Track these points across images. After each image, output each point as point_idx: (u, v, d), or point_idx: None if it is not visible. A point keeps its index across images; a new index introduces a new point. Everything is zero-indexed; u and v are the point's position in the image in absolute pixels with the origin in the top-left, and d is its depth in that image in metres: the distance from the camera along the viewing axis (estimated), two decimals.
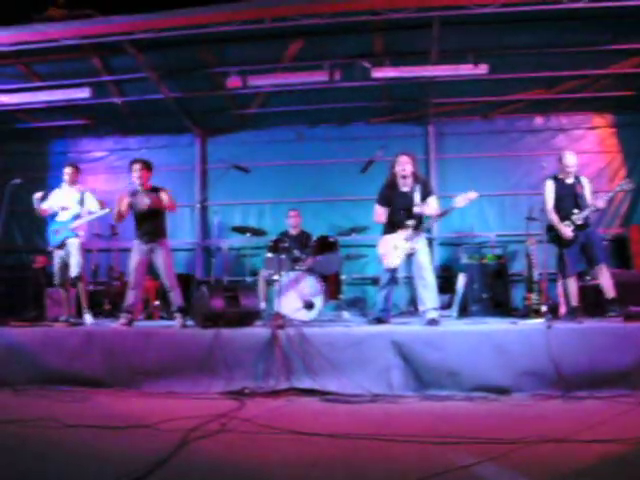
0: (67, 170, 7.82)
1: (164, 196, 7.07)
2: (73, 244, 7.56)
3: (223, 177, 10.48)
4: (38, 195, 7.59)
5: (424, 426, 4.23)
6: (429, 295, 6.51)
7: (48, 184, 11.20)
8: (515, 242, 9.75)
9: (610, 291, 6.75)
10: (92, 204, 7.74)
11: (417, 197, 6.65)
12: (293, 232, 8.85)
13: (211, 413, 4.52)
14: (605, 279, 6.78)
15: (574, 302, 6.93)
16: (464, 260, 9.08)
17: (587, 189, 6.91)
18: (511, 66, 8.92)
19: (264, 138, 11.10)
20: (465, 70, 8.44)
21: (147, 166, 7.16)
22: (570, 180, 6.93)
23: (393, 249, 6.63)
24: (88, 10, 8.36)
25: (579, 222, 6.75)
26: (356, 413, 4.83)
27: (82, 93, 9.16)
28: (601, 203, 6.73)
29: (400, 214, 6.70)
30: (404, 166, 6.71)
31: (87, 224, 7.81)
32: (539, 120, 10.68)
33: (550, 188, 6.99)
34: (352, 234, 8.94)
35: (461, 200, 6.42)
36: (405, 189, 6.75)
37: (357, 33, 8.42)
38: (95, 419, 4.48)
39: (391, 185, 6.84)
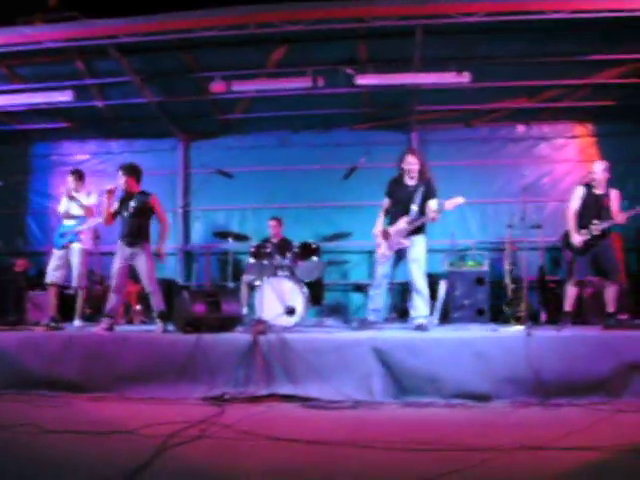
0: (69, 179, 7.80)
1: (155, 202, 7.20)
2: (75, 249, 7.60)
3: (206, 182, 10.46)
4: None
5: (403, 433, 4.25)
6: (421, 302, 6.64)
7: (30, 187, 11.22)
8: (496, 249, 9.81)
9: (610, 305, 6.83)
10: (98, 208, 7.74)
11: (418, 196, 6.73)
12: (275, 239, 8.84)
13: (191, 419, 4.51)
14: (610, 293, 6.86)
15: (568, 307, 7.01)
16: (445, 267, 9.12)
17: (615, 203, 6.92)
18: (493, 75, 8.95)
19: (247, 143, 11.05)
20: (448, 78, 8.46)
21: (131, 172, 7.15)
22: (599, 191, 6.96)
23: (387, 239, 6.75)
24: (72, 13, 8.32)
25: (596, 233, 6.80)
26: (336, 419, 4.85)
27: (65, 96, 9.09)
28: (621, 219, 6.79)
29: (399, 207, 6.85)
30: (410, 165, 6.84)
31: (90, 229, 7.83)
32: (521, 129, 10.73)
33: (578, 194, 7.05)
34: (335, 240, 8.94)
35: (449, 204, 6.54)
36: (409, 183, 6.88)
37: (341, 40, 8.44)
38: (75, 424, 4.46)
39: (397, 179, 7.00)
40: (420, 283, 6.64)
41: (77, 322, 7.60)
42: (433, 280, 9.08)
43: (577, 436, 3.96)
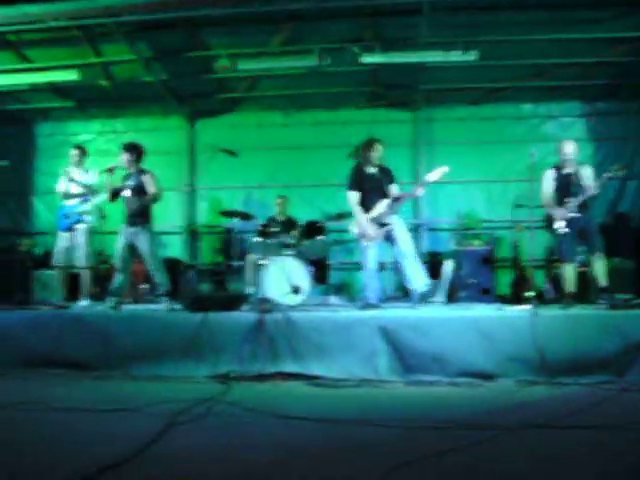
0: (73, 152, 7.80)
1: (148, 180, 7.17)
2: (80, 230, 7.58)
3: (211, 161, 10.42)
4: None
5: (409, 411, 4.25)
6: (416, 271, 6.68)
7: (35, 167, 11.22)
8: (503, 228, 9.79)
9: (602, 280, 6.72)
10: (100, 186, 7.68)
11: (385, 180, 6.87)
12: (280, 218, 8.82)
13: (197, 397, 4.52)
14: (599, 267, 6.72)
15: (570, 288, 6.91)
16: (451, 246, 9.11)
17: (586, 177, 6.78)
18: (500, 53, 8.89)
19: (252, 122, 11.02)
20: (454, 56, 8.41)
21: (131, 150, 7.16)
22: (568, 170, 6.86)
23: (369, 225, 6.78)
24: None
25: (572, 211, 6.71)
26: (342, 397, 4.86)
27: (69, 75, 9.07)
28: (592, 190, 6.70)
29: (373, 194, 6.90)
30: (379, 153, 6.97)
31: (95, 209, 7.81)
32: (528, 107, 10.67)
33: (549, 177, 6.96)
34: (340, 219, 8.90)
35: (432, 175, 6.62)
36: (372, 171, 6.99)
37: (347, 18, 8.38)
38: (81, 402, 4.48)
39: (359, 169, 7.08)
40: (413, 253, 6.73)
41: (83, 301, 7.62)
42: (439, 259, 9.12)
43: (582, 415, 3.95)
